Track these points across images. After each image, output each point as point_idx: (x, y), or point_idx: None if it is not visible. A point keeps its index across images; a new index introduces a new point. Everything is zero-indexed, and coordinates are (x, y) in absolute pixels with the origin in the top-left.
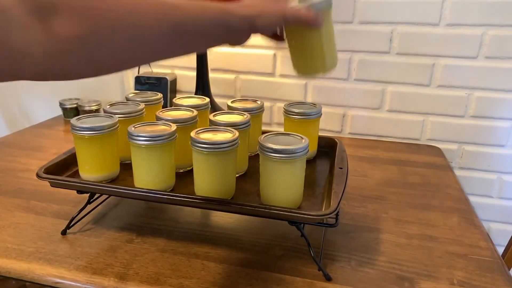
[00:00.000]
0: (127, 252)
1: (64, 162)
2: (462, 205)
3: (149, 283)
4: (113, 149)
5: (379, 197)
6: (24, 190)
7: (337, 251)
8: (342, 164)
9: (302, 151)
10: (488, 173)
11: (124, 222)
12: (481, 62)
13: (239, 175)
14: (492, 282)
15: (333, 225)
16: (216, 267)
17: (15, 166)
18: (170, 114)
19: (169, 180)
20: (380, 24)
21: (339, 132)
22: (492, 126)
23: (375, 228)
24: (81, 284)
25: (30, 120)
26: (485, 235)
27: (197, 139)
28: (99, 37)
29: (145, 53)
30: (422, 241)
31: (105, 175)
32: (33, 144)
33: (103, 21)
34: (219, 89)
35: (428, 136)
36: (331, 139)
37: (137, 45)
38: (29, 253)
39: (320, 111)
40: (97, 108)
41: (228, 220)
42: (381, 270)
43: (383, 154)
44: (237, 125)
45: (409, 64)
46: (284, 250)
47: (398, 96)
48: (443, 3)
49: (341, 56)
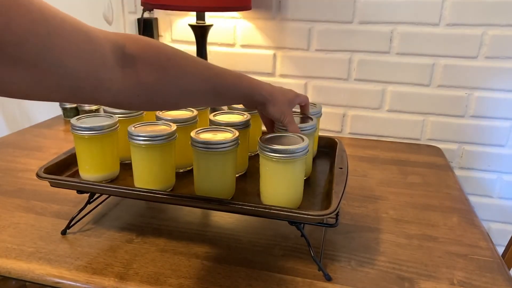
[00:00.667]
0: (127, 252)
1: (64, 162)
2: (462, 205)
3: (149, 283)
4: (113, 149)
5: (379, 197)
6: (24, 190)
7: (337, 251)
8: (342, 164)
9: (302, 151)
10: (488, 173)
11: (124, 222)
12: (481, 62)
13: (239, 175)
14: (492, 282)
15: (333, 225)
16: (216, 267)
17: (15, 166)
18: (170, 114)
19: (169, 180)
20: (380, 24)
21: (339, 132)
22: (492, 126)
23: (375, 228)
24: (81, 284)
25: (30, 120)
26: (485, 235)
27: (197, 139)
28: (159, 87)
29: (188, 103)
30: (422, 241)
31: (105, 175)
32: (33, 144)
33: (165, 77)
34: None
35: (428, 136)
36: (331, 139)
37: (185, 97)
38: (29, 253)
39: (320, 111)
40: (97, 108)
41: (228, 220)
42: (381, 270)
43: (383, 154)
44: (237, 125)
45: (409, 64)
46: (284, 250)
47: (398, 96)
48: (443, 3)
49: (341, 56)
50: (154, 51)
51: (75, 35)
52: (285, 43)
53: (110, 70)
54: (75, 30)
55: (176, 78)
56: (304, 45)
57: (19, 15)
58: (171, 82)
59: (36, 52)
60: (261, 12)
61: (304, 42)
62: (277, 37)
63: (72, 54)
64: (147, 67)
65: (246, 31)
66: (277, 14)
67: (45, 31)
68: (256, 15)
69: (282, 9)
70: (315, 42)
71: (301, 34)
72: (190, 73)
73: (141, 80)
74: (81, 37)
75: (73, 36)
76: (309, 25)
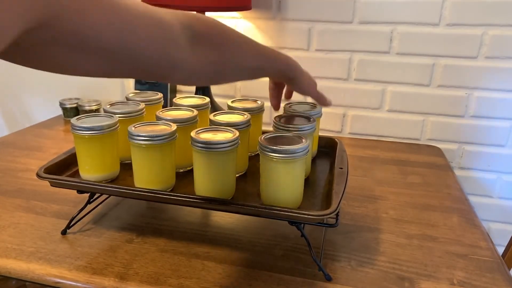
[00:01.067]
0: (127, 252)
1: (64, 162)
2: (462, 205)
3: (149, 283)
4: (113, 149)
5: (379, 197)
6: (24, 190)
7: (337, 251)
8: (342, 164)
9: (302, 151)
10: (488, 173)
11: (124, 222)
12: (481, 62)
13: (239, 175)
14: (492, 282)
15: (333, 225)
16: (216, 267)
17: (15, 166)
18: (170, 114)
19: (169, 180)
20: (380, 24)
21: (339, 132)
22: (492, 126)
23: (375, 228)
24: (81, 284)
25: (30, 120)
26: (485, 235)
27: (197, 139)
28: (222, 65)
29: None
30: (422, 241)
31: (105, 175)
32: (33, 144)
33: (229, 55)
34: (219, 89)
35: (428, 136)
36: (331, 139)
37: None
38: (29, 253)
39: (320, 111)
40: (97, 108)
41: (228, 220)
42: (381, 270)
43: (383, 154)
44: (237, 125)
45: (409, 64)
46: (284, 250)
47: (398, 96)
48: (443, 3)
49: (341, 56)
50: (218, 30)
51: (147, 20)
52: (285, 43)
53: (182, 50)
54: (145, 15)
55: (233, 56)
56: (304, 45)
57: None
58: (230, 59)
59: (112, 42)
60: (261, 12)
61: (304, 42)
62: (277, 37)
63: (146, 39)
64: (213, 45)
65: (246, 31)
66: (277, 14)
67: (118, 21)
68: (256, 15)
69: (282, 9)
70: (315, 42)
71: (301, 34)
72: (244, 50)
73: (209, 57)
74: (152, 20)
75: (144, 21)
76: (309, 25)
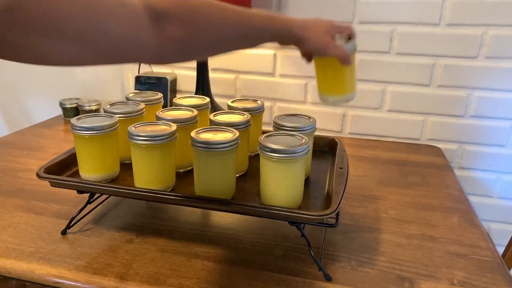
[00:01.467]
0: (127, 252)
1: (64, 162)
2: (462, 205)
3: (149, 283)
4: (113, 149)
5: (379, 197)
6: (24, 190)
7: (337, 251)
8: (342, 164)
9: (302, 151)
10: (488, 173)
11: (124, 222)
12: (481, 62)
13: (239, 175)
14: (492, 282)
15: (333, 225)
16: (216, 267)
17: (15, 166)
18: (170, 114)
19: (169, 180)
20: (380, 24)
21: (339, 132)
22: (492, 126)
23: (375, 228)
24: (81, 284)
25: (30, 120)
26: (485, 235)
27: (197, 139)
28: (194, 40)
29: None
30: (422, 241)
31: (105, 175)
32: (33, 144)
33: (199, 30)
34: (219, 89)
35: (428, 136)
36: (331, 139)
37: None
38: (29, 253)
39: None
40: (97, 108)
41: (228, 220)
42: (381, 270)
43: (383, 154)
44: (237, 125)
45: (409, 64)
46: (284, 250)
47: (398, 96)
48: (443, 3)
49: None
50: (184, 5)
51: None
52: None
53: (145, 29)
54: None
55: (206, 30)
56: None
57: None
58: (202, 34)
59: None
60: None
61: None
62: None
63: (110, 20)
64: (178, 22)
65: None
66: None
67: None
68: None
69: (282, 9)
70: None
71: None
72: (219, 22)
73: (175, 35)
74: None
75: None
76: None
